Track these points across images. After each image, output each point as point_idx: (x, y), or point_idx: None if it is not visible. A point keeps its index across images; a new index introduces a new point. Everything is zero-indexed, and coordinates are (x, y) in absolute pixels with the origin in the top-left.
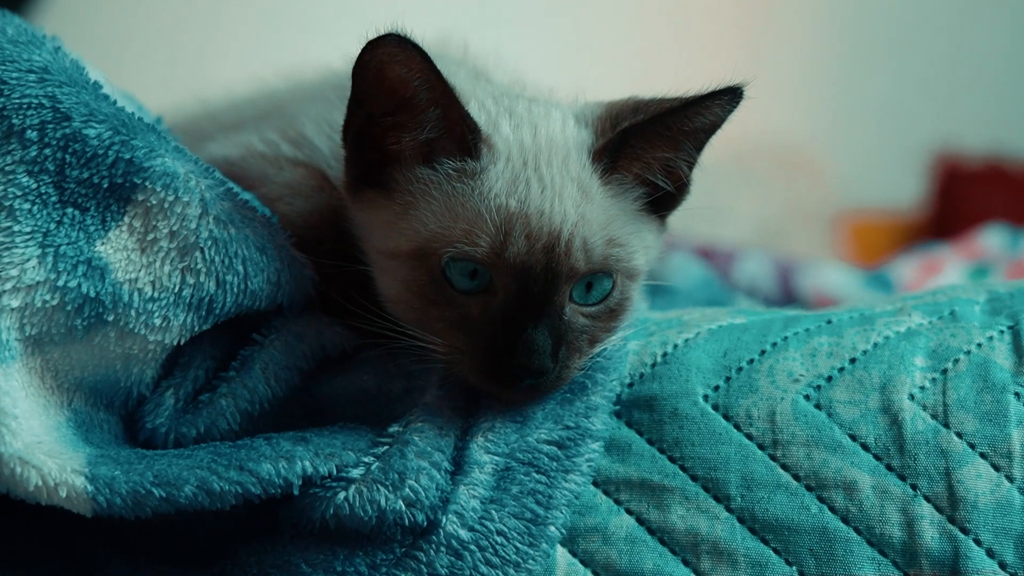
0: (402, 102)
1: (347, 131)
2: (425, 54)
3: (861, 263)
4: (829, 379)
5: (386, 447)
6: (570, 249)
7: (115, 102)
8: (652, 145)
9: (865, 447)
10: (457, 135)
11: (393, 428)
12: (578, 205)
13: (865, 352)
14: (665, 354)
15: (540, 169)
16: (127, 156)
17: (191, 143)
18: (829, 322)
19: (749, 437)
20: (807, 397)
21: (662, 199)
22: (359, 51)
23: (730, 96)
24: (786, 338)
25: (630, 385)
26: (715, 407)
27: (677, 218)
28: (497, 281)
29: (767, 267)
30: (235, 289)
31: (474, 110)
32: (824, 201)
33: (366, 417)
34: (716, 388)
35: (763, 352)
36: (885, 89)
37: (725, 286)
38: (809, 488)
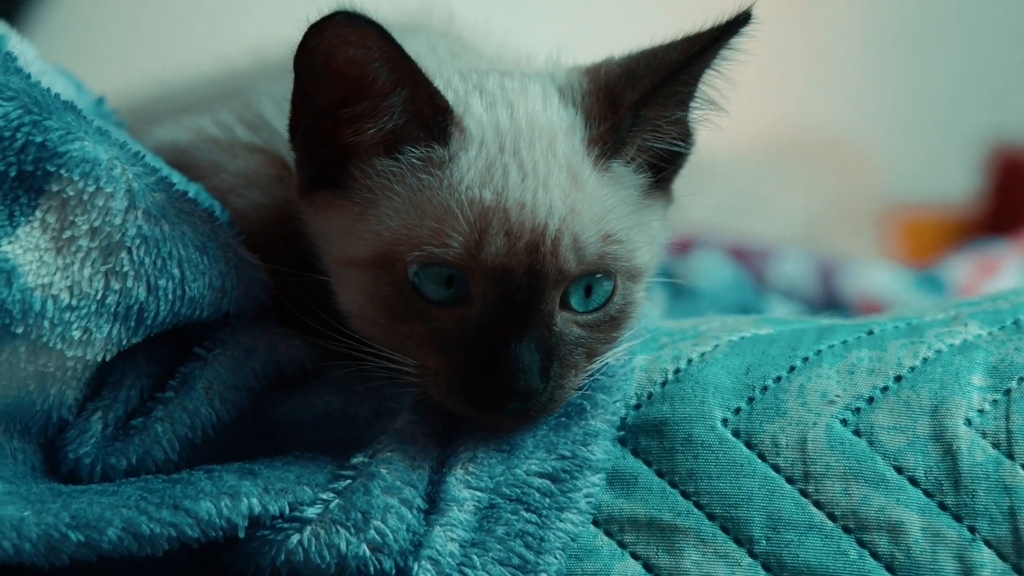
0: (360, 88)
1: (295, 129)
2: (382, 29)
3: (911, 262)
4: (870, 400)
5: (348, 481)
6: (557, 247)
7: (29, 76)
8: (665, 108)
9: (913, 481)
10: (425, 118)
11: (357, 459)
12: (567, 195)
13: (913, 369)
14: (678, 370)
15: (520, 154)
16: (39, 139)
17: (141, 127)
18: (870, 333)
19: (776, 469)
20: (844, 422)
21: (667, 163)
22: (302, 37)
23: (743, 26)
24: (819, 352)
25: (637, 407)
26: (736, 433)
27: (710, 213)
28: (473, 288)
29: (807, 267)
30: (170, 295)
31: (440, 89)
32: (872, 195)
33: (328, 445)
34: (737, 411)
35: (792, 368)
36: (938, 75)
37: (759, 288)
38: (847, 530)
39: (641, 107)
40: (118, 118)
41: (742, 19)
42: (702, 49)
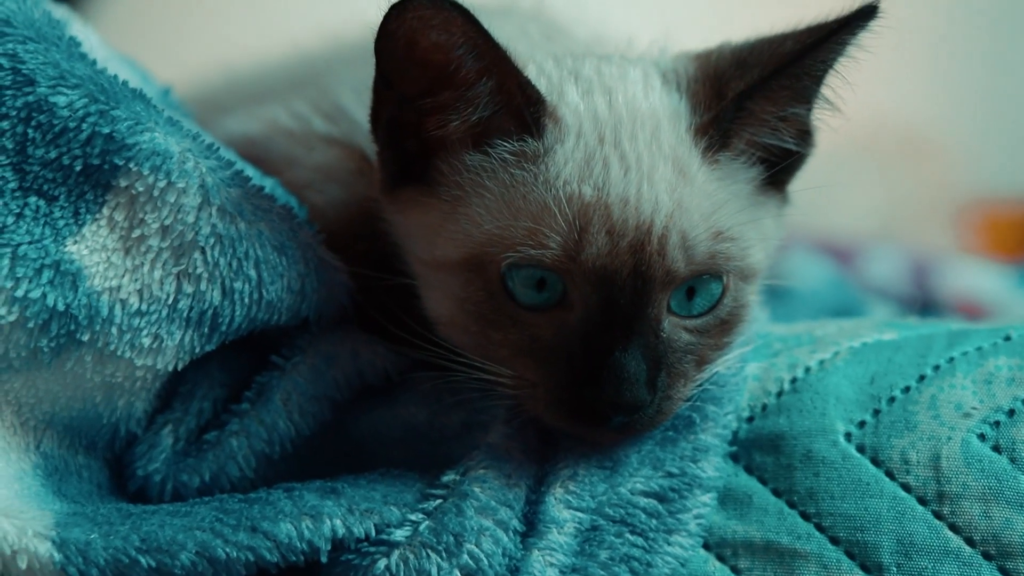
0: (444, 77)
1: (376, 120)
2: (468, 12)
3: (994, 257)
4: (1011, 413)
5: (439, 501)
6: (664, 246)
7: (95, 63)
8: (774, 103)
9: None
10: (515, 109)
11: (448, 476)
12: (673, 190)
13: None
14: (795, 380)
15: (621, 146)
16: (106, 130)
17: (210, 118)
18: (1007, 339)
19: (906, 488)
20: (982, 437)
21: (782, 162)
22: (382, 19)
23: (869, 19)
24: (952, 359)
25: (750, 420)
26: (860, 449)
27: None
28: (573, 292)
29: (900, 265)
30: (246, 299)
31: (532, 77)
32: (951, 190)
33: (415, 461)
34: (861, 424)
35: (922, 378)
36: (1017, 67)
37: (858, 289)
38: (987, 556)
39: (746, 98)
40: (186, 110)
41: (866, 12)
42: (816, 43)
